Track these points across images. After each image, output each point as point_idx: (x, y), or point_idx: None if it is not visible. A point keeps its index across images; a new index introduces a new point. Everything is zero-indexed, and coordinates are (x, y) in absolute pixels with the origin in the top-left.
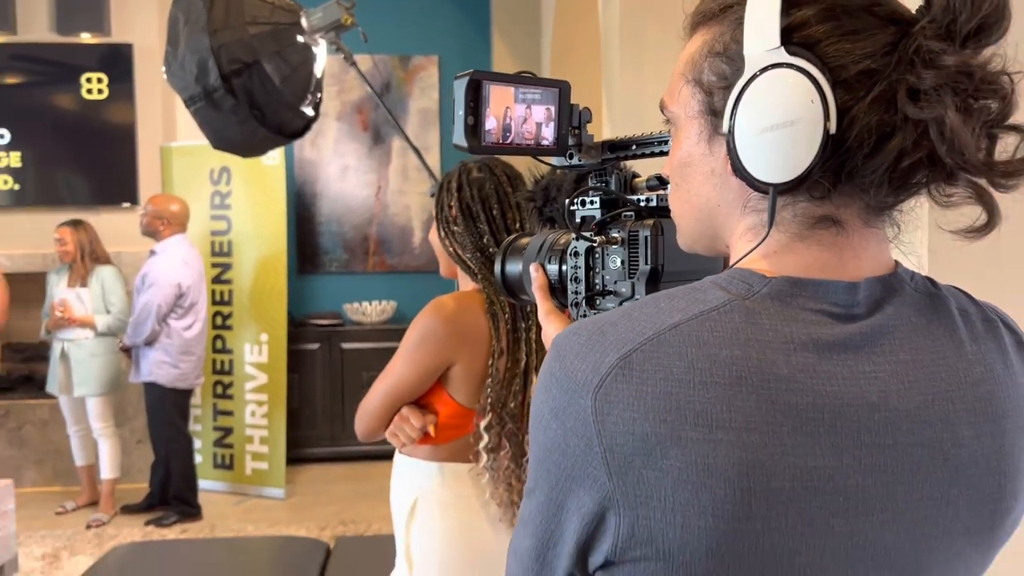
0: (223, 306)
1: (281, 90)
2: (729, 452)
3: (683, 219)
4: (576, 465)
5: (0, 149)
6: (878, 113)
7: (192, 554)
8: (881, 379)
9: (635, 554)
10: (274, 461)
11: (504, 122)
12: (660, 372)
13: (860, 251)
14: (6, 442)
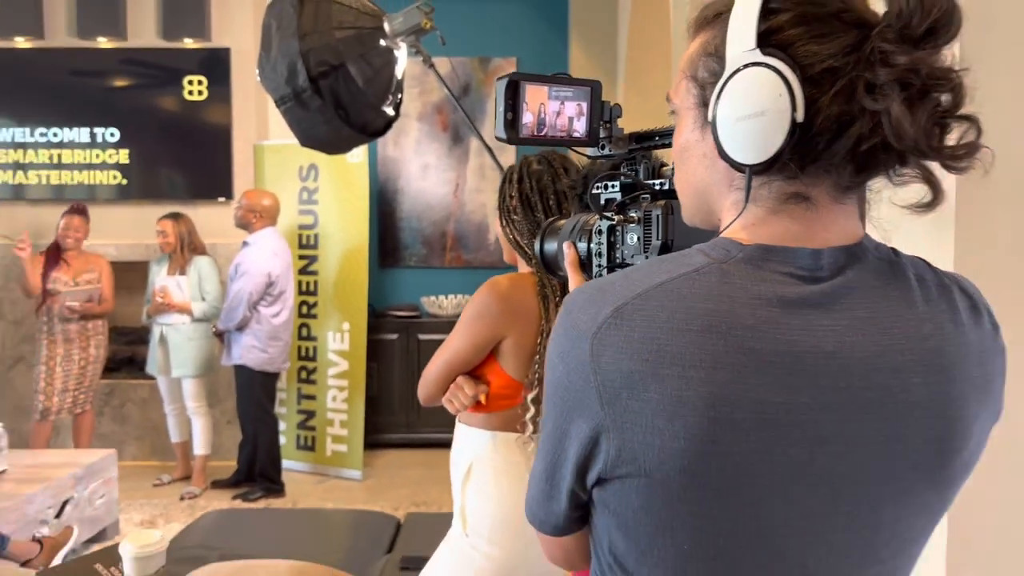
0: (309, 296)
1: (364, 91)
2: (699, 387)
3: (684, 197)
4: (576, 398)
5: (110, 147)
6: (840, 104)
7: (274, 521)
8: (838, 332)
9: (622, 471)
10: (353, 444)
11: (539, 117)
12: (645, 321)
13: (829, 223)
14: (110, 418)
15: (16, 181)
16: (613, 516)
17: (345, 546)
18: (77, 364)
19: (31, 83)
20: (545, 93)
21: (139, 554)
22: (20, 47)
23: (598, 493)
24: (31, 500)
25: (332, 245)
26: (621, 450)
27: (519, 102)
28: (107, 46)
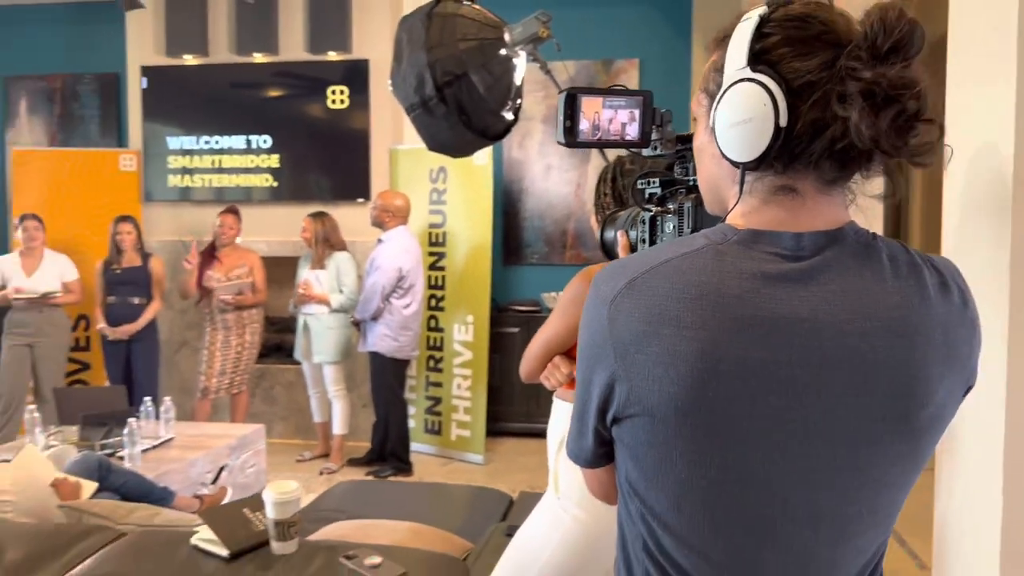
0: (437, 290)
1: (486, 98)
2: (690, 343)
3: (702, 190)
4: (597, 354)
5: (263, 152)
6: (817, 112)
7: (398, 492)
8: (812, 302)
9: (631, 411)
10: (475, 430)
11: (594, 123)
12: (650, 291)
13: (814, 211)
14: (261, 399)
15: (184, 184)
16: (627, 449)
17: (461, 516)
18: (234, 349)
19: (196, 96)
20: (599, 103)
21: (279, 500)
22: (188, 64)
23: (615, 430)
24: (193, 464)
25: (458, 243)
26: (630, 394)
27: (576, 112)
28: (261, 61)
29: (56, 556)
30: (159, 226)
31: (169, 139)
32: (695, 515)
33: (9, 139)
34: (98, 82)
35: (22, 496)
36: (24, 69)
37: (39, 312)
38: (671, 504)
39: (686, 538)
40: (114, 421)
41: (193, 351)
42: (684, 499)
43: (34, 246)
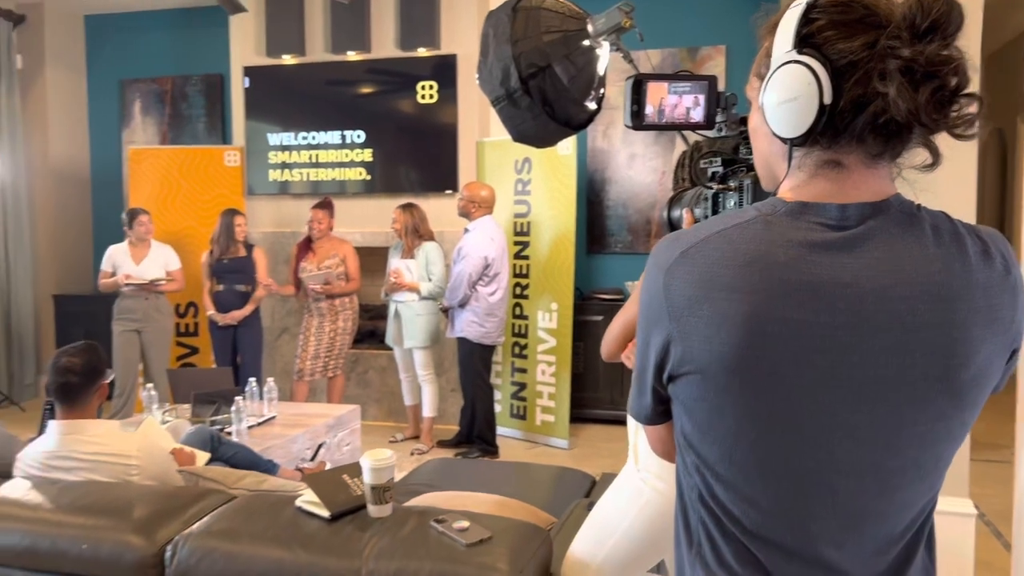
0: (522, 278)
1: (569, 88)
2: (739, 306)
3: (757, 168)
4: (655, 317)
5: (357, 147)
6: (859, 89)
7: (487, 470)
8: (855, 268)
9: (684, 370)
10: (559, 415)
11: (659, 107)
12: (703, 259)
13: (860, 184)
14: (355, 383)
15: (283, 179)
16: (682, 405)
17: (545, 493)
18: (327, 335)
19: (294, 94)
20: (665, 88)
21: (375, 466)
22: (287, 64)
23: (671, 388)
24: (294, 440)
25: (543, 232)
26: (684, 354)
27: (642, 97)
28: (355, 59)
29: (178, 514)
30: (261, 218)
31: (269, 136)
32: (744, 465)
33: (125, 138)
34: (204, 83)
35: (147, 461)
36: (137, 73)
37: (145, 299)
38: (722, 455)
39: (736, 487)
40: (222, 400)
41: (293, 337)
42: (734, 450)
43: (146, 237)
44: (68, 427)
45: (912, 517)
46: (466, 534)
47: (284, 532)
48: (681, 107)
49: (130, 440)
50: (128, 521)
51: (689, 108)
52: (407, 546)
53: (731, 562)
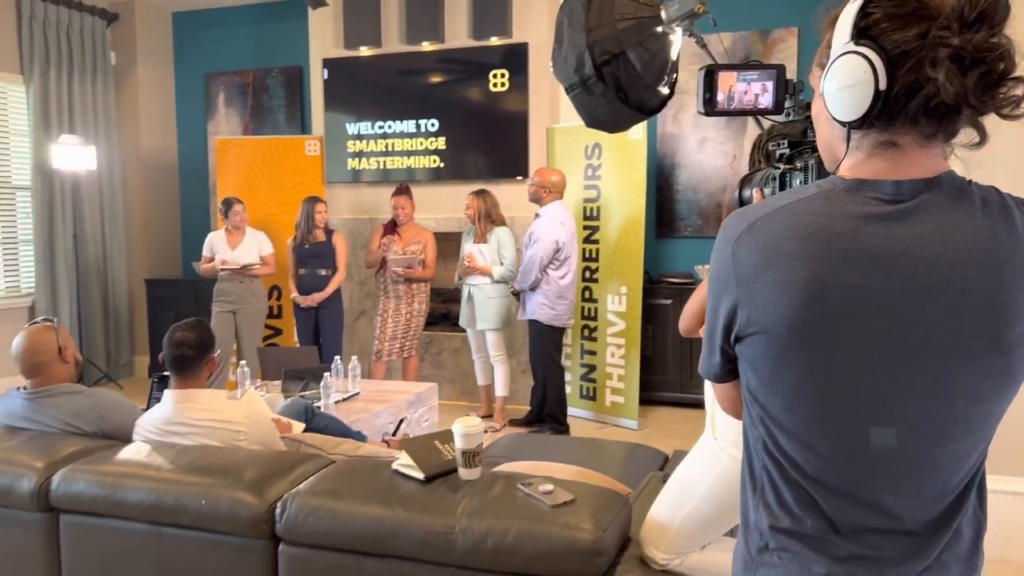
0: (591, 262)
1: (642, 74)
2: (801, 273)
3: (820, 150)
4: (723, 284)
5: (431, 135)
6: (912, 75)
7: (560, 444)
8: (908, 238)
9: (750, 331)
10: (629, 396)
11: (728, 94)
12: (767, 231)
13: (914, 162)
14: (429, 364)
15: (360, 167)
16: (747, 363)
17: (619, 467)
18: (404, 317)
19: (370, 85)
20: (734, 77)
21: (466, 432)
22: (363, 55)
23: (738, 348)
24: (378, 415)
25: (612, 216)
26: (750, 316)
27: (714, 85)
28: (429, 49)
29: (285, 474)
30: (339, 205)
31: (347, 125)
32: (806, 417)
33: (210, 130)
34: (284, 75)
35: (252, 428)
36: (221, 66)
37: (240, 283)
38: (785, 407)
39: (798, 436)
40: (310, 376)
41: (371, 319)
42: (796, 402)
43: (241, 225)
44: (182, 396)
45: (965, 469)
46: (551, 496)
47: (383, 492)
48: (750, 93)
49: (237, 408)
50: (241, 481)
51: (758, 95)
52: (496, 506)
53: (792, 505)
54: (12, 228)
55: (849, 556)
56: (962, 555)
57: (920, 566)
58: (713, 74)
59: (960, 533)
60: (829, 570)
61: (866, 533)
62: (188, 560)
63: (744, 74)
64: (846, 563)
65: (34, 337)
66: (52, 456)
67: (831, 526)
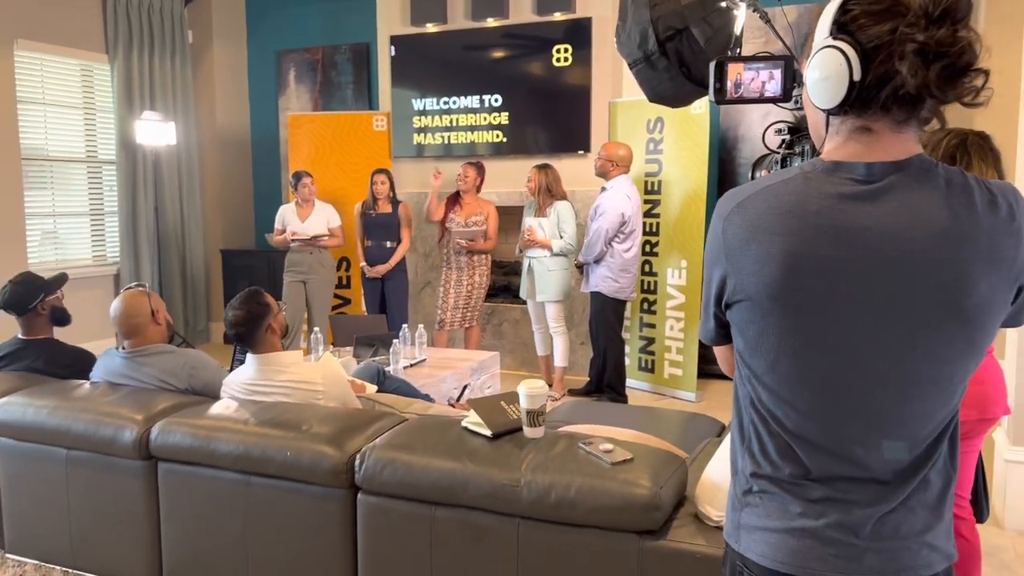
0: (652, 236)
1: (705, 50)
2: (780, 246)
3: (811, 132)
4: (715, 257)
5: (494, 110)
6: (883, 68)
7: (619, 411)
8: (876, 214)
9: (737, 298)
10: (687, 370)
11: (735, 82)
12: (753, 209)
13: (887, 146)
14: (490, 334)
15: (425, 142)
16: (736, 327)
17: (676, 434)
18: (465, 287)
19: (436, 61)
20: (741, 67)
21: (531, 392)
22: (429, 32)
23: (728, 314)
24: (443, 380)
25: (673, 190)
26: (736, 285)
27: (724, 75)
28: (493, 25)
29: (362, 430)
30: (405, 179)
31: (413, 101)
32: (785, 375)
33: (281, 105)
34: (352, 51)
35: (330, 388)
36: (292, 43)
37: (310, 254)
38: (768, 367)
39: (779, 393)
40: (380, 343)
41: (434, 290)
42: (777, 362)
43: (310, 198)
44: (263, 359)
45: (932, 424)
46: (610, 455)
47: (453, 447)
48: (757, 82)
49: (315, 369)
50: (322, 435)
51: (764, 83)
52: (559, 463)
53: (773, 455)
54: (99, 200)
55: (822, 498)
56: (930, 502)
57: (886, 508)
58: (724, 65)
59: (928, 482)
60: (804, 510)
61: (838, 480)
62: (275, 506)
63: (750, 65)
64: (819, 504)
65: (129, 301)
66: (150, 410)
67: (806, 473)
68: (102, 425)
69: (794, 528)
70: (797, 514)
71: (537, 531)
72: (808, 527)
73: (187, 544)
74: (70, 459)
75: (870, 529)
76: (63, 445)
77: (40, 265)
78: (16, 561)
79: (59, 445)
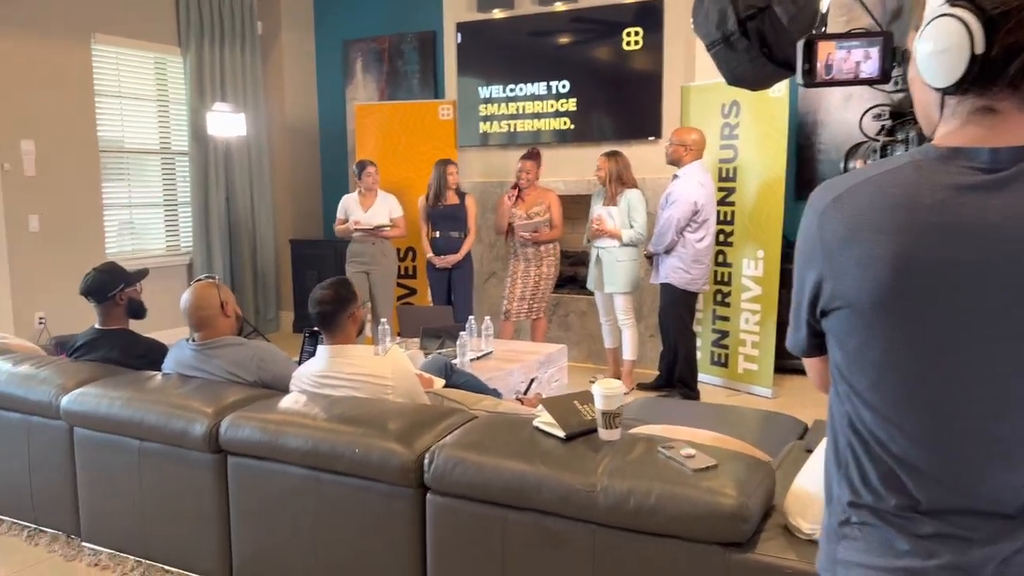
0: (726, 225)
1: (788, 29)
2: (887, 246)
3: (918, 117)
4: (809, 256)
5: (562, 97)
6: (1012, 37)
7: (692, 410)
8: (1002, 209)
9: (835, 305)
10: (763, 364)
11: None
12: (854, 203)
13: (1016, 129)
14: (557, 326)
15: (492, 130)
16: (834, 337)
17: (755, 435)
18: (532, 279)
19: (502, 47)
20: (833, 46)
21: (607, 393)
22: (495, 18)
23: (824, 322)
24: (510, 374)
25: (750, 178)
26: (834, 290)
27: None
28: (561, 9)
29: (431, 427)
30: (470, 169)
31: (479, 89)
32: (892, 392)
33: (348, 95)
34: (418, 40)
35: (399, 382)
36: (358, 33)
37: (372, 244)
38: (870, 383)
39: (884, 413)
40: (446, 335)
41: (500, 280)
42: (881, 379)
43: (373, 187)
44: (334, 351)
45: None
46: (692, 461)
47: (524, 447)
48: (850, 62)
49: (384, 363)
50: (391, 432)
51: (859, 62)
52: (637, 468)
53: (876, 483)
54: (172, 191)
55: (933, 534)
56: None
57: (1011, 547)
58: (813, 45)
59: None
60: (911, 547)
61: (953, 514)
62: (343, 504)
63: (843, 43)
64: (929, 541)
65: (199, 293)
66: (220, 403)
67: (915, 505)
68: (173, 418)
69: (899, 568)
70: (904, 552)
71: (614, 539)
72: (916, 568)
73: (257, 539)
74: (142, 450)
75: (991, 572)
76: (136, 436)
77: (117, 255)
78: (92, 550)
79: (132, 436)
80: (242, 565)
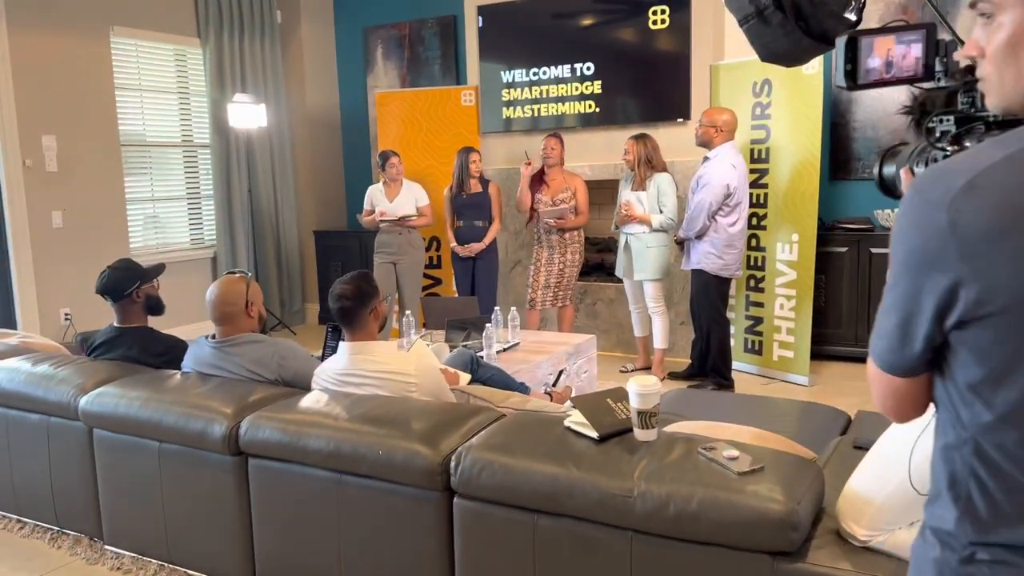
0: (759, 208)
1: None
2: None
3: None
4: (934, 259)
5: (587, 79)
6: None
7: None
8: None
9: (981, 312)
10: (799, 351)
11: (886, 59)
12: (998, 187)
13: None
14: (584, 314)
15: (515, 115)
16: (971, 353)
17: (793, 427)
18: (557, 266)
19: (525, 30)
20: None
21: (643, 391)
22: (516, 0)
23: (956, 334)
24: (538, 366)
25: (783, 158)
26: (981, 295)
27: (859, 54)
28: None
29: (457, 427)
30: (493, 155)
31: (502, 73)
32: None
33: (369, 83)
34: (439, 25)
35: (423, 379)
36: (378, 20)
37: (399, 234)
38: (1018, 400)
39: None
40: (472, 326)
41: (525, 269)
42: None
43: (397, 177)
44: (356, 348)
45: None
46: (736, 463)
47: (556, 449)
48: (911, 57)
49: (408, 360)
50: (415, 432)
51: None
52: (676, 471)
53: (1016, 519)
54: (195, 184)
55: None
56: None
57: None
58: (856, 42)
59: None
60: None
61: None
62: (368, 507)
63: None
64: None
65: (226, 287)
66: (240, 403)
67: None
68: (192, 419)
69: None
70: None
71: (653, 547)
72: None
73: (279, 542)
74: (162, 452)
75: None
76: (155, 438)
77: (142, 249)
78: (115, 553)
79: (151, 438)
80: (265, 570)
